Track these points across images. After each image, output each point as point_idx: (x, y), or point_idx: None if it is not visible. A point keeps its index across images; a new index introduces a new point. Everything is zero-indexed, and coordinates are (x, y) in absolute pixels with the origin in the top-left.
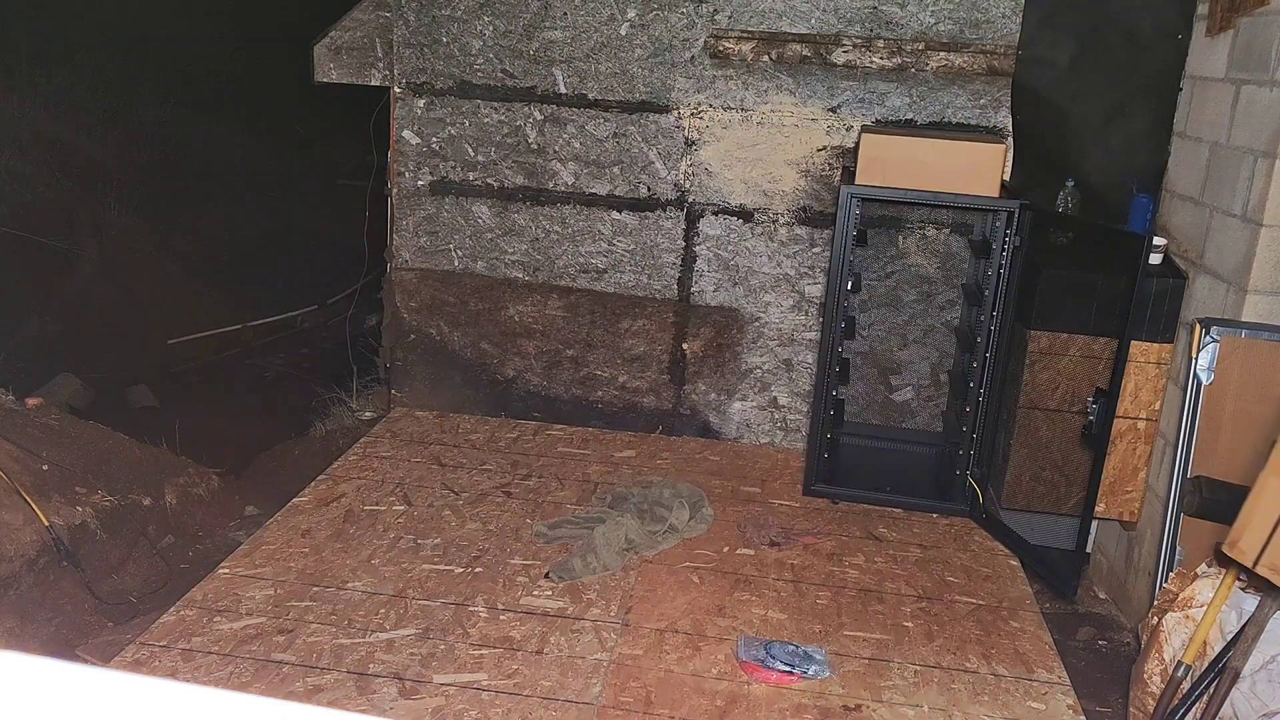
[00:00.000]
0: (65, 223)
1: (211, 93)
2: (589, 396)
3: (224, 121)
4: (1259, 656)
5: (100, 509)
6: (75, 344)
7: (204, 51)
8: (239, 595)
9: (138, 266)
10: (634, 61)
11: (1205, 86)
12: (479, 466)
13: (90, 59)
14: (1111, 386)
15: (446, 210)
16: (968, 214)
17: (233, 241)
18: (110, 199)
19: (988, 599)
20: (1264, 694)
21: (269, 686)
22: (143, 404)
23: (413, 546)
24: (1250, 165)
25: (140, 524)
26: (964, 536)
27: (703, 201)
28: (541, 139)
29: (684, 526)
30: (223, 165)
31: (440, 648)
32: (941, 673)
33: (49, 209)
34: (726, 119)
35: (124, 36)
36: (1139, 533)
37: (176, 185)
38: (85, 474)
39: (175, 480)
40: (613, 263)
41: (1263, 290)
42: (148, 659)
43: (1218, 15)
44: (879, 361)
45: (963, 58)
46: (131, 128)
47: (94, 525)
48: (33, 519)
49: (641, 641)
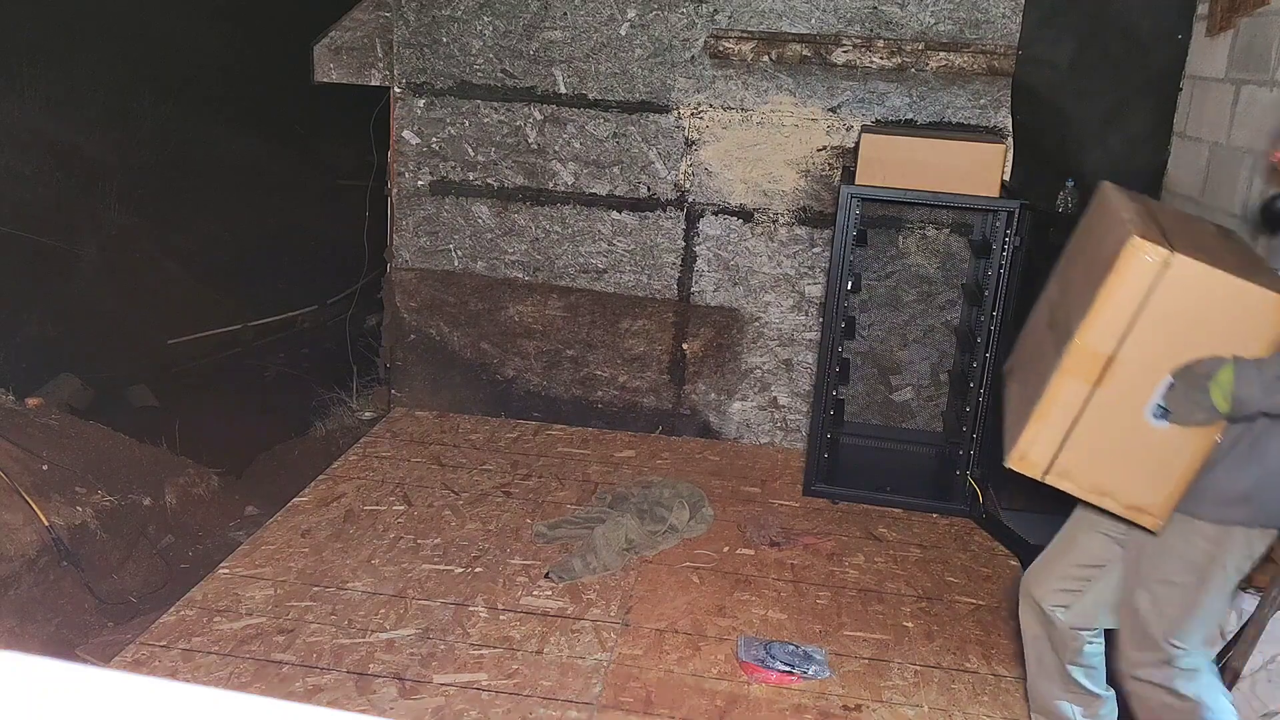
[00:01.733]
0: (65, 223)
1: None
2: (589, 396)
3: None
4: (1259, 656)
5: (100, 509)
6: (75, 344)
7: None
8: (239, 595)
9: (138, 266)
10: (634, 61)
11: (1205, 86)
12: (479, 466)
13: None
14: None
15: (446, 210)
16: (968, 214)
17: (233, 241)
18: (110, 199)
19: (988, 599)
20: (1264, 694)
21: (269, 686)
22: (143, 404)
23: (413, 546)
24: (1250, 165)
25: (140, 524)
26: (964, 536)
27: (703, 201)
28: (541, 139)
29: (684, 526)
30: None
31: (440, 648)
32: (941, 673)
33: (49, 209)
34: (726, 119)
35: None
36: None
37: (176, 185)
38: (85, 474)
39: (175, 480)
40: (613, 263)
41: None
42: (148, 659)
43: (1218, 15)
44: (879, 361)
45: (963, 58)
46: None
47: (94, 525)
48: (33, 519)
49: (641, 641)
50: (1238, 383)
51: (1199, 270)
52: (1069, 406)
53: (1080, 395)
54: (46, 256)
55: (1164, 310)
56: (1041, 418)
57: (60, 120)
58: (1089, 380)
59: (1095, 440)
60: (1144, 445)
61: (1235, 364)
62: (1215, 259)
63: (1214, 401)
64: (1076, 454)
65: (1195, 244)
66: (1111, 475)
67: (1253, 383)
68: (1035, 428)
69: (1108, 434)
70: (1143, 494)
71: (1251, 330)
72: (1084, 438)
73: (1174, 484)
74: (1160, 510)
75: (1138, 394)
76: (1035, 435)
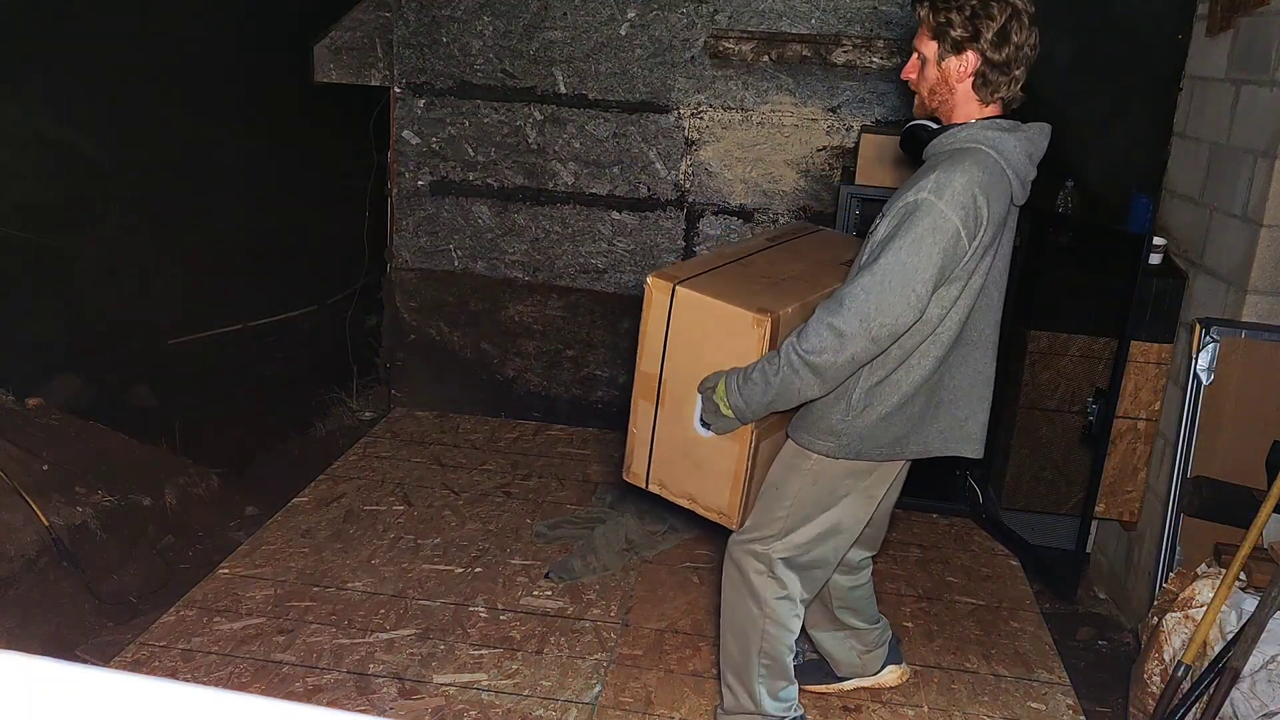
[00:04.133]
0: (65, 223)
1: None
2: (589, 396)
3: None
4: (1259, 656)
5: (100, 509)
6: (75, 344)
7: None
8: (239, 595)
9: (138, 266)
10: (634, 61)
11: (1205, 86)
12: (479, 466)
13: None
14: (1111, 386)
15: (446, 210)
16: None
17: (233, 241)
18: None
19: (988, 599)
20: (1264, 694)
21: (269, 686)
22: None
23: (413, 546)
24: (1250, 165)
25: (140, 524)
26: (964, 536)
27: (703, 201)
28: (541, 139)
29: (684, 526)
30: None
31: (440, 648)
32: (941, 673)
33: (49, 209)
34: (726, 119)
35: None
36: (1139, 533)
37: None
38: (85, 474)
39: (175, 480)
40: (613, 263)
41: (1263, 290)
42: (148, 659)
43: (1218, 15)
44: None
45: None
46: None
47: (94, 525)
48: (33, 519)
49: (641, 641)
50: (729, 393)
51: (694, 297)
52: (646, 425)
53: (649, 414)
54: (46, 256)
55: (683, 333)
56: (632, 436)
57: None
58: (650, 400)
59: (669, 453)
60: (704, 454)
61: (725, 376)
62: (727, 285)
63: (724, 410)
64: (661, 467)
65: (731, 274)
66: (691, 483)
67: (738, 391)
68: (630, 445)
69: (675, 446)
70: (716, 498)
71: (744, 344)
72: (661, 451)
73: (735, 485)
74: (732, 511)
75: (685, 408)
76: (631, 451)
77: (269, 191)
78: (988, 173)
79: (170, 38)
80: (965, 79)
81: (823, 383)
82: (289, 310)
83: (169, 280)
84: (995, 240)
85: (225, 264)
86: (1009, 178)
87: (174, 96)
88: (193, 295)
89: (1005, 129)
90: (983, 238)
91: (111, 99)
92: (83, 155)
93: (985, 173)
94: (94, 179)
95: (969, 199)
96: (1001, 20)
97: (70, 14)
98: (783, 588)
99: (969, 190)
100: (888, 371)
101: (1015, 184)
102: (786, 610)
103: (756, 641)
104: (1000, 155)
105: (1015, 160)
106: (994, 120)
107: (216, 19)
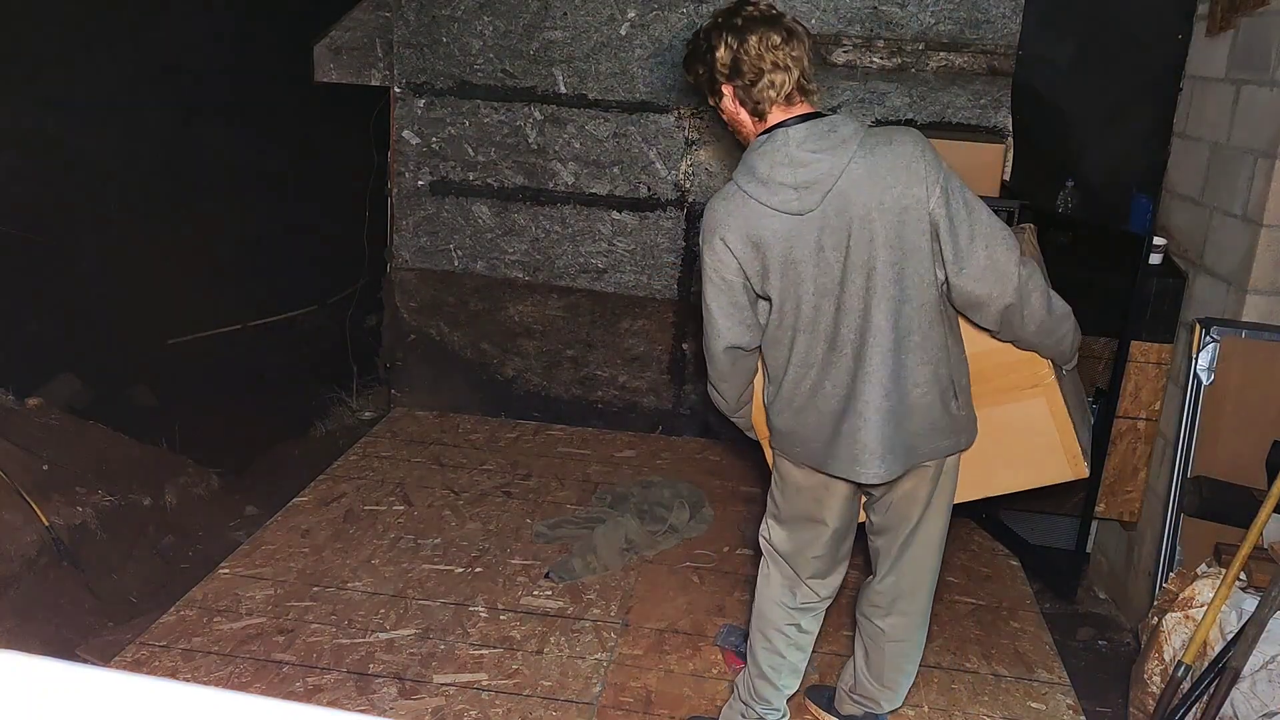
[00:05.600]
0: (65, 223)
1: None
2: (589, 396)
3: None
4: (1259, 656)
5: (100, 509)
6: (75, 344)
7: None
8: (239, 595)
9: (138, 266)
10: (634, 61)
11: (1205, 86)
12: (479, 466)
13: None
14: (1111, 386)
15: (446, 210)
16: None
17: (233, 241)
18: (110, 199)
19: (988, 599)
20: (1264, 694)
21: (269, 686)
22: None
23: (413, 546)
24: (1250, 165)
25: (140, 524)
26: (964, 536)
27: (703, 201)
28: (541, 139)
29: (684, 526)
30: (223, 165)
31: (440, 648)
32: (941, 673)
33: (49, 209)
34: None
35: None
36: (1139, 533)
37: (176, 185)
38: (85, 474)
39: (175, 480)
40: (613, 263)
41: (1263, 290)
42: (148, 659)
43: (1218, 15)
44: None
45: (963, 58)
46: (131, 128)
47: (94, 525)
48: (33, 519)
49: (641, 641)
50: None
51: None
52: None
53: None
54: (46, 256)
55: None
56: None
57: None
58: None
59: None
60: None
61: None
62: None
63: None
64: None
65: None
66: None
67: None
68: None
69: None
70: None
71: None
72: None
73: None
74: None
75: None
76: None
77: (269, 191)
78: (726, 209)
79: (170, 38)
80: (740, 109)
81: None
82: (289, 310)
83: (169, 280)
84: (787, 259)
85: (225, 264)
86: (753, 203)
87: (174, 97)
88: (193, 295)
89: (756, 147)
90: (754, 266)
91: (111, 99)
92: (82, 155)
93: (725, 212)
94: (94, 179)
95: (711, 238)
96: (721, 46)
97: (70, 14)
98: None
99: (711, 233)
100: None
101: (775, 196)
102: None
103: None
104: (741, 185)
105: (764, 171)
106: (756, 140)
107: (216, 19)
